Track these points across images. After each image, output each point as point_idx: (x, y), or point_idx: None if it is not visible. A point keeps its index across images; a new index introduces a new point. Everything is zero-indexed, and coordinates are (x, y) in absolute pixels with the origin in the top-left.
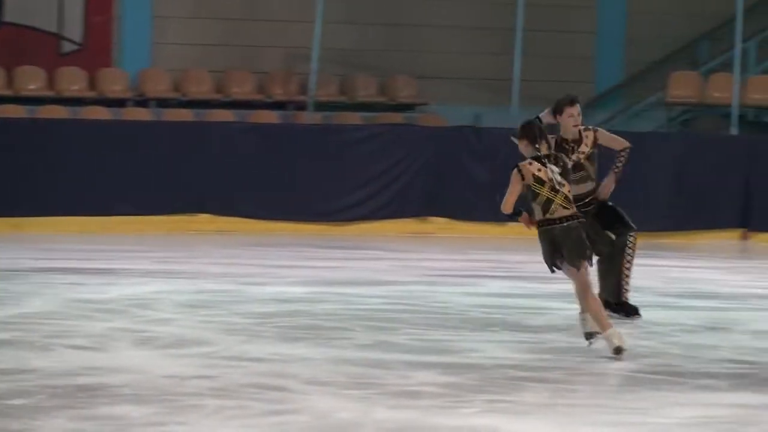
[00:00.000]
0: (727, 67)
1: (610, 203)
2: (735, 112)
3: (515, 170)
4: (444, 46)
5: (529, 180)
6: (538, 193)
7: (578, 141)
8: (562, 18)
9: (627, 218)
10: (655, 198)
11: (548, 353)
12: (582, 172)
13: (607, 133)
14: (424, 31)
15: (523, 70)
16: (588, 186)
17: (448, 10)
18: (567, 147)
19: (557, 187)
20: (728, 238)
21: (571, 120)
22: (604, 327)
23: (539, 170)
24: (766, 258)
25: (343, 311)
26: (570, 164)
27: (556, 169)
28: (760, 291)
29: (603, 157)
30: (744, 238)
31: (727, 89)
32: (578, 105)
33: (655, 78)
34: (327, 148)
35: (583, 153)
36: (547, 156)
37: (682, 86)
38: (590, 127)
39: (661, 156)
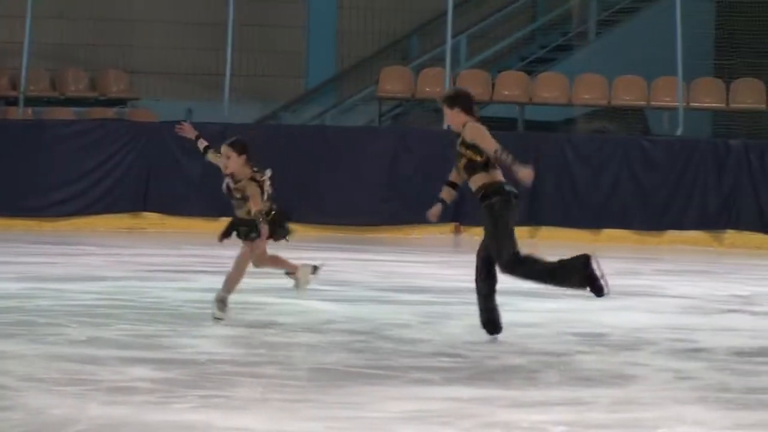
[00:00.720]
0: (438, 61)
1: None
2: None
3: (255, 183)
4: (155, 40)
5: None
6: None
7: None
8: (273, 13)
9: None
10: (368, 192)
11: (261, 348)
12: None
13: (474, 130)
14: (136, 25)
15: (234, 65)
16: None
17: (159, 4)
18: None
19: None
20: (441, 232)
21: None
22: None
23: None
24: None
25: (56, 307)
26: None
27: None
28: (472, 285)
29: None
30: (457, 232)
31: (438, 84)
32: (444, 106)
33: (366, 73)
34: (38, 143)
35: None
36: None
37: (394, 81)
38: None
39: (373, 150)
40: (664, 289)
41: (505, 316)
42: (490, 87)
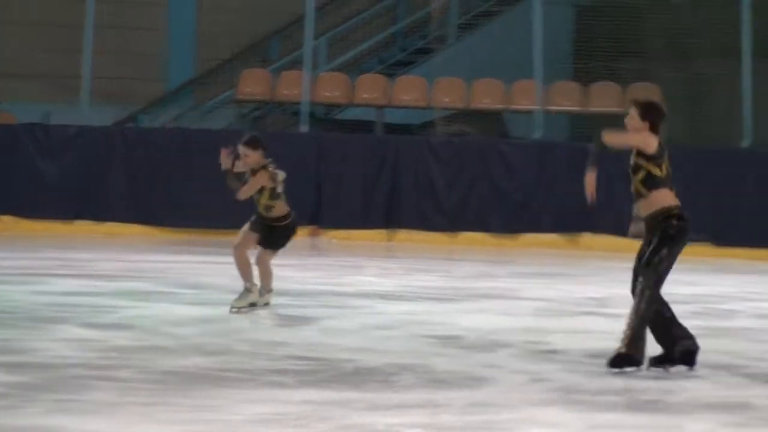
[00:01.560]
0: (297, 64)
1: None
2: (305, 110)
3: (266, 172)
4: (13, 42)
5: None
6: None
7: None
8: (133, 15)
9: None
10: (224, 195)
11: (116, 351)
12: None
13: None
14: None
15: (93, 67)
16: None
17: (15, 5)
18: None
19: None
20: (299, 235)
21: None
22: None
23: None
24: (335, 255)
25: None
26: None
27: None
28: (329, 288)
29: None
30: (314, 235)
31: (297, 86)
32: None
33: (225, 75)
34: None
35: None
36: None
37: (253, 83)
38: None
39: None
40: (520, 291)
41: (361, 319)
42: (349, 90)
